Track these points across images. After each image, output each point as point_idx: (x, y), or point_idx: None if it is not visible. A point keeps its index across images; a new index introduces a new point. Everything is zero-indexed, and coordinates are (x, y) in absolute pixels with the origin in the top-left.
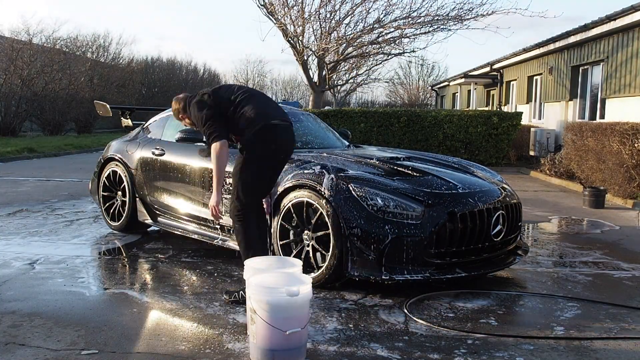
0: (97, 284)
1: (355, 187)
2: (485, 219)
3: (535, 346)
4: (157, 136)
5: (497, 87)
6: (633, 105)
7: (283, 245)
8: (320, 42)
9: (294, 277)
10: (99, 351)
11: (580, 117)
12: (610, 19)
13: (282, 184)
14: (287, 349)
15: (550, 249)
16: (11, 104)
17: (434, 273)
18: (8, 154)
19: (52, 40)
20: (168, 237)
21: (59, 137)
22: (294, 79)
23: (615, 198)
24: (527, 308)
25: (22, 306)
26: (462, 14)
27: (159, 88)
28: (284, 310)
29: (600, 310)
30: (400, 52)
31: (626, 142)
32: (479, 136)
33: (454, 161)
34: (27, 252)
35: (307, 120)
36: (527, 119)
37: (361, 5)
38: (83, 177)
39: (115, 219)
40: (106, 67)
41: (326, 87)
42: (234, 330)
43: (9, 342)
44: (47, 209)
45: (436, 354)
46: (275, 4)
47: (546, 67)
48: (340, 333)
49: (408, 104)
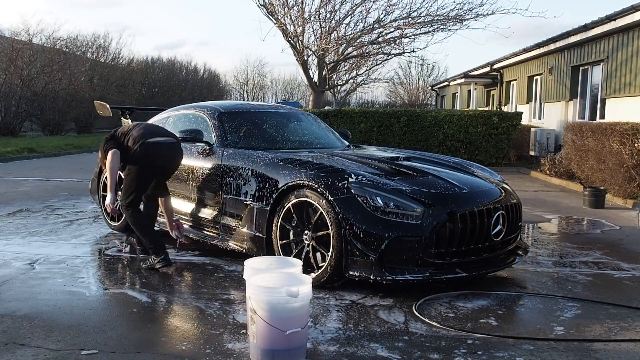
0: (97, 284)
1: (355, 187)
2: (485, 219)
3: (535, 346)
4: None
5: (497, 87)
6: (633, 105)
7: (283, 245)
8: (320, 42)
9: (294, 277)
10: (99, 351)
11: (580, 117)
12: (610, 19)
13: (282, 184)
14: (287, 349)
15: (550, 249)
16: (11, 104)
17: (434, 273)
18: (8, 154)
19: (52, 40)
20: (168, 237)
21: (59, 137)
22: (294, 79)
23: (615, 198)
24: (527, 308)
25: (22, 306)
26: (462, 14)
27: (159, 88)
28: (284, 311)
29: (601, 311)
30: (400, 52)
31: (626, 142)
32: (479, 136)
33: (454, 161)
34: (27, 252)
35: (307, 121)
36: (527, 119)
37: (361, 5)
38: (83, 177)
39: (115, 219)
40: (106, 67)
41: (326, 87)
42: (234, 330)
43: (9, 342)
44: (47, 209)
45: (436, 354)
46: (275, 4)
47: (546, 67)
48: (340, 333)
49: (408, 104)
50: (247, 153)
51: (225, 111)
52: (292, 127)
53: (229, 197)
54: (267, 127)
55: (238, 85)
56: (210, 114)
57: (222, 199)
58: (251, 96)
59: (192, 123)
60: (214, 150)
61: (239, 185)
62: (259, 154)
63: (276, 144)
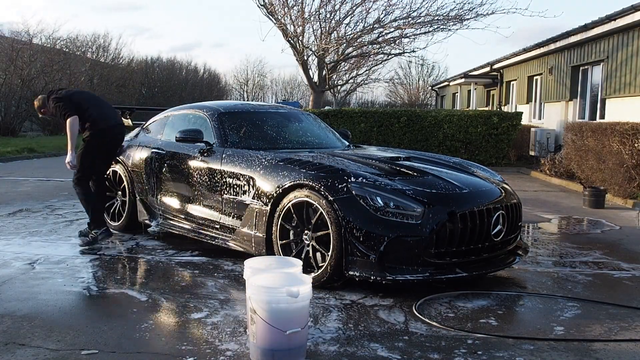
0: (97, 284)
1: (355, 187)
2: (485, 219)
3: (535, 346)
4: (157, 136)
5: (497, 87)
6: (633, 105)
7: (283, 245)
8: (320, 42)
9: (294, 277)
10: (99, 351)
11: (580, 117)
12: (610, 19)
13: (282, 184)
14: (287, 349)
15: (550, 249)
16: (11, 104)
17: (434, 273)
18: (8, 154)
19: (52, 40)
20: (168, 237)
21: (59, 137)
22: (294, 79)
23: (615, 198)
24: (527, 308)
25: (22, 306)
26: (462, 14)
27: (159, 88)
28: (284, 310)
29: (601, 311)
30: (400, 52)
31: (626, 142)
32: (479, 136)
33: (454, 161)
34: (27, 252)
35: (307, 121)
36: (527, 119)
37: (361, 5)
38: None
39: (115, 219)
40: (106, 67)
41: (326, 87)
42: (234, 330)
43: (9, 342)
44: (47, 209)
45: (436, 354)
46: (275, 4)
47: (546, 67)
48: (340, 333)
49: (408, 104)
50: (247, 153)
51: (226, 111)
52: (292, 127)
53: (229, 197)
54: (267, 127)
55: (238, 85)
56: (210, 114)
57: (222, 199)
58: (251, 96)
59: (192, 123)
60: (214, 150)
61: (239, 185)
62: (259, 154)
63: (276, 144)
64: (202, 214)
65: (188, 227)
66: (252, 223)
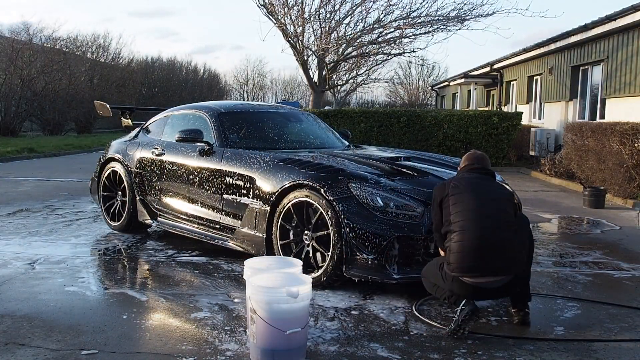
0: (97, 284)
1: (355, 187)
2: None
3: (535, 346)
4: (157, 136)
5: (497, 87)
6: (633, 105)
7: (283, 245)
8: (320, 42)
9: (294, 277)
10: (99, 351)
11: (580, 117)
12: (610, 19)
13: (282, 184)
14: (287, 349)
15: (550, 249)
16: (11, 104)
17: None
18: (8, 154)
19: (52, 40)
20: (168, 237)
21: (59, 137)
22: (294, 79)
23: (615, 198)
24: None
25: (22, 306)
26: (462, 14)
27: (159, 88)
28: (284, 311)
29: (601, 311)
30: (400, 52)
31: (626, 142)
32: (479, 136)
33: (454, 161)
34: (27, 252)
35: (307, 121)
36: (527, 119)
37: (361, 5)
38: (83, 177)
39: (115, 219)
40: (106, 67)
41: (326, 87)
42: (234, 330)
43: (9, 342)
44: (47, 209)
45: (436, 354)
46: (275, 4)
47: (546, 67)
48: (340, 333)
49: (408, 104)
50: (247, 153)
51: (226, 111)
52: (292, 127)
53: (229, 197)
54: (267, 127)
55: (238, 85)
56: (210, 114)
57: (222, 199)
58: (251, 96)
59: (192, 123)
60: (214, 150)
61: (239, 186)
62: (259, 154)
63: (276, 144)
64: (202, 214)
65: (188, 227)
66: (252, 223)
